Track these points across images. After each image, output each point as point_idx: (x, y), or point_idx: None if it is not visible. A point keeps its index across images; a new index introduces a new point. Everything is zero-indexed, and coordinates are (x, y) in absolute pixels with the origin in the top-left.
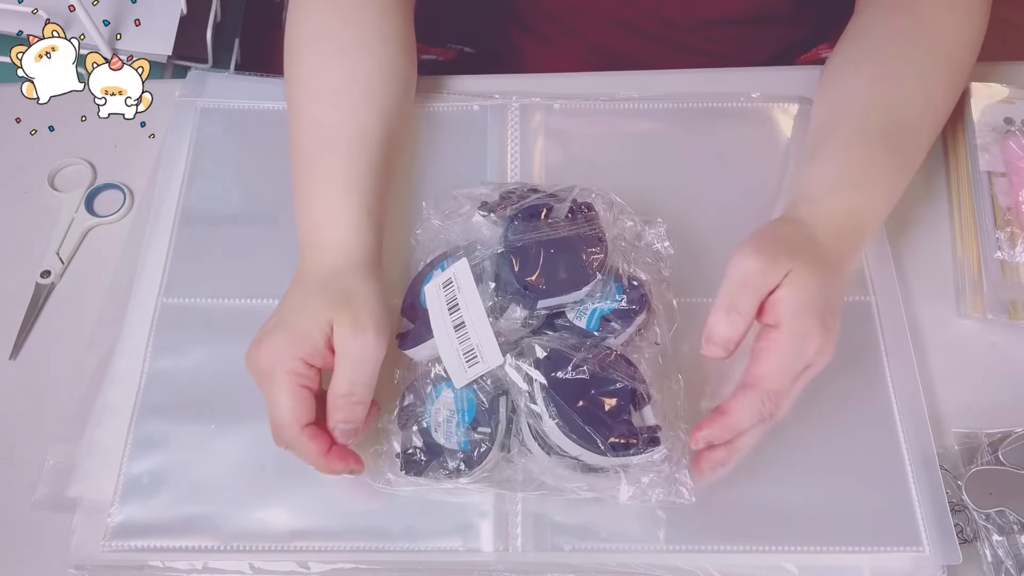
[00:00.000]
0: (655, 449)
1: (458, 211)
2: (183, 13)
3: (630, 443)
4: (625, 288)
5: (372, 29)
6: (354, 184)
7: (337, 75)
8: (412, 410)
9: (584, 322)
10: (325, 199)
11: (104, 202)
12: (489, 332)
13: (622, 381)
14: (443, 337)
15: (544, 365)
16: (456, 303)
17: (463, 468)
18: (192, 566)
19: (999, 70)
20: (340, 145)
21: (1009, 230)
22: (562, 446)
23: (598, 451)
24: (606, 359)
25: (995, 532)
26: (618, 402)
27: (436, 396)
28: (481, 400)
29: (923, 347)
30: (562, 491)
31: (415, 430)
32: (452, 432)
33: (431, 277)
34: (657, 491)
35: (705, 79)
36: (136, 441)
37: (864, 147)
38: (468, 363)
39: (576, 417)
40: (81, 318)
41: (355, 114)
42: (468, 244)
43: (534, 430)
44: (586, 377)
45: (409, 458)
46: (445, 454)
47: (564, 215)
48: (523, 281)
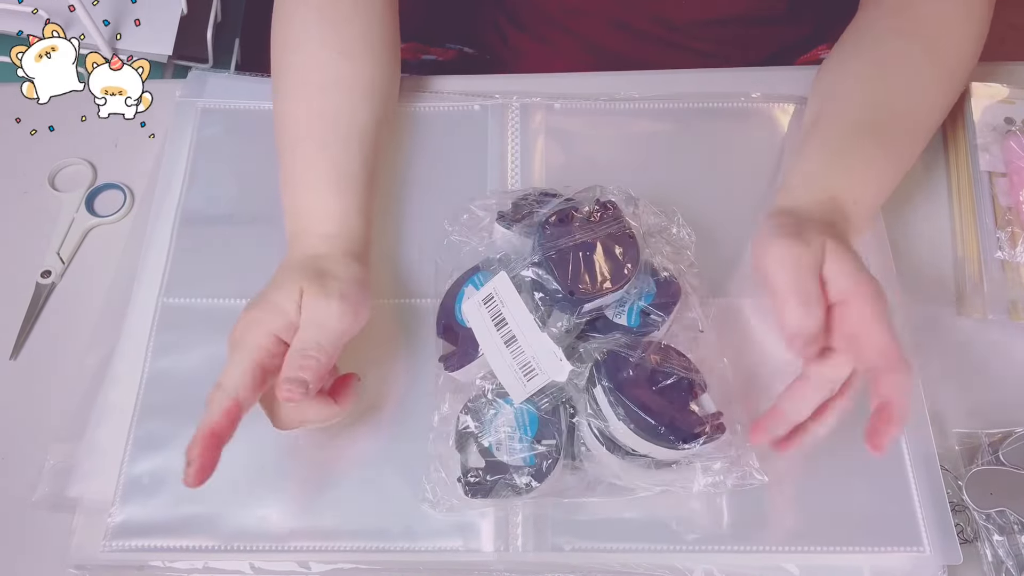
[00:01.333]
0: (722, 435)
1: (478, 225)
2: (183, 13)
3: (699, 433)
4: (658, 280)
5: (362, 31)
6: (343, 180)
7: (328, 71)
8: (469, 432)
9: (625, 319)
10: (315, 193)
11: (104, 202)
12: (546, 343)
13: (678, 373)
14: (494, 354)
15: (604, 368)
16: (503, 318)
17: (533, 483)
18: (192, 566)
19: (999, 70)
20: (329, 140)
21: (1009, 230)
22: (632, 445)
23: (670, 445)
24: (660, 353)
25: (995, 532)
26: (680, 394)
27: (494, 414)
28: (542, 411)
29: (923, 347)
30: (633, 490)
31: (475, 451)
32: (515, 448)
33: (463, 294)
34: (731, 476)
35: (705, 79)
36: (136, 441)
37: (849, 138)
38: (526, 377)
39: (644, 415)
40: (81, 318)
41: (345, 110)
42: (501, 257)
43: (600, 433)
44: (645, 374)
45: (472, 481)
46: (511, 471)
47: (590, 216)
48: (569, 286)
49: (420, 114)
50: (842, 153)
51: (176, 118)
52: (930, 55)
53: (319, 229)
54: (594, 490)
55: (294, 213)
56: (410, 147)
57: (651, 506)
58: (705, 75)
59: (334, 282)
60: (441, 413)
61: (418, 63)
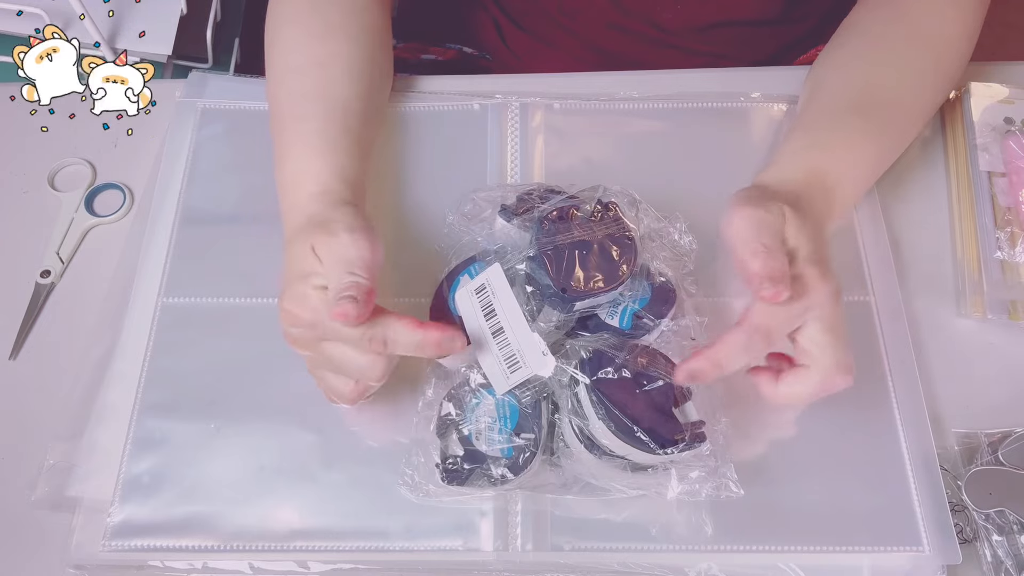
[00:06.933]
0: (701, 444)
1: (479, 215)
2: (183, 13)
3: (678, 440)
4: (654, 284)
5: (353, 16)
6: (326, 144)
7: (319, 51)
8: (451, 419)
9: (617, 320)
10: (301, 161)
11: (104, 202)
12: (532, 337)
13: (663, 378)
14: (481, 344)
15: (588, 366)
16: (492, 309)
17: (508, 475)
18: (192, 566)
19: (999, 70)
20: (309, 114)
21: (1009, 230)
22: (610, 446)
23: (647, 449)
24: (647, 357)
25: (995, 532)
26: (663, 399)
27: (476, 403)
28: (523, 405)
29: (923, 347)
30: (608, 491)
31: (455, 439)
32: (494, 439)
33: (458, 283)
34: (706, 486)
35: (705, 79)
36: (136, 440)
37: (831, 117)
38: (510, 369)
39: (623, 417)
40: (81, 318)
41: (325, 87)
42: (498, 249)
43: (579, 431)
44: (629, 376)
45: (450, 468)
46: (488, 462)
47: (590, 215)
48: (561, 283)
49: (420, 114)
50: (825, 132)
51: (176, 118)
52: (913, 40)
53: (307, 191)
54: (570, 488)
55: (283, 187)
56: (409, 147)
57: (651, 506)
58: (704, 75)
59: (336, 223)
60: (425, 399)
61: (418, 63)
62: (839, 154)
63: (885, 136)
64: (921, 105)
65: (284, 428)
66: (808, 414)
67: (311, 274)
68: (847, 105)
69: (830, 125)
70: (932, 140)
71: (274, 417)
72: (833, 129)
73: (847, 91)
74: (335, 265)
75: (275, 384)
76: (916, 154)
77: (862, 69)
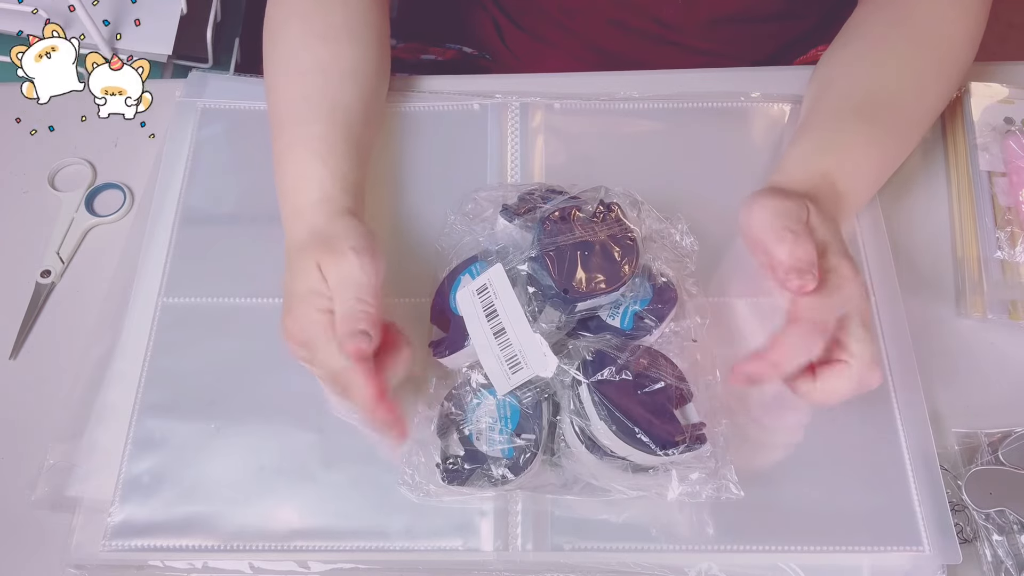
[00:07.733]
0: (702, 446)
1: (481, 215)
2: (183, 13)
3: (678, 441)
4: (655, 285)
5: (344, 18)
6: (325, 148)
7: (321, 51)
8: (451, 419)
9: (618, 321)
10: (301, 165)
11: (104, 202)
12: (533, 338)
13: (665, 379)
14: (482, 344)
15: (590, 367)
16: (494, 309)
17: (508, 475)
18: (192, 566)
19: (999, 70)
20: (311, 118)
21: (1009, 230)
22: (611, 447)
23: (648, 450)
24: (649, 358)
25: (995, 532)
26: (665, 401)
27: (477, 404)
28: (524, 405)
29: (923, 347)
30: (608, 491)
31: (455, 439)
32: (495, 439)
33: (459, 283)
34: (707, 487)
35: (705, 79)
36: (136, 440)
37: (836, 120)
38: (511, 370)
39: (624, 418)
40: (81, 318)
41: (326, 90)
42: (500, 249)
43: (580, 432)
44: (631, 377)
45: (450, 468)
46: (489, 462)
47: (592, 216)
48: (563, 284)
49: (419, 114)
50: (833, 134)
51: (176, 118)
52: (916, 41)
53: (309, 198)
54: (571, 488)
55: (283, 192)
56: (409, 147)
57: (651, 506)
58: (704, 75)
59: (341, 241)
60: (426, 399)
61: (418, 63)
62: (847, 158)
63: (890, 140)
64: (925, 108)
65: (284, 428)
66: (808, 414)
67: (316, 294)
68: (853, 109)
69: (837, 128)
70: (932, 140)
71: (274, 417)
72: (840, 132)
73: (853, 94)
74: (343, 290)
75: (275, 384)
76: (916, 154)
77: (867, 71)
